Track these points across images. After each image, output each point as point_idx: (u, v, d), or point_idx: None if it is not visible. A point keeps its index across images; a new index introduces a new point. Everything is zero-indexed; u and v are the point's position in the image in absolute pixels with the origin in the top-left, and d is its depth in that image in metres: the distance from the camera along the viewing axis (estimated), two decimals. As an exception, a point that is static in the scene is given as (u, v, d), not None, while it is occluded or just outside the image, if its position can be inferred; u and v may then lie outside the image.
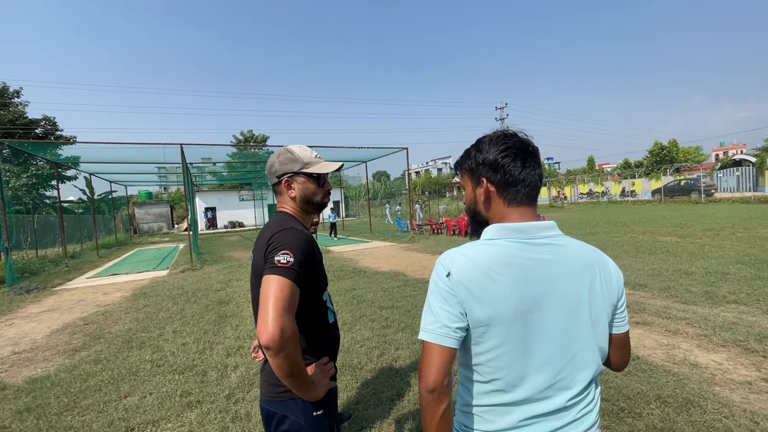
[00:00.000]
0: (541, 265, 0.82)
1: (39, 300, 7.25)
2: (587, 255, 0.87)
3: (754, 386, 2.60)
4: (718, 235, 9.43)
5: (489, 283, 0.79)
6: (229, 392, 2.97)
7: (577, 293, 0.83)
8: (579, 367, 0.84)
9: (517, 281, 0.79)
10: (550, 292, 0.81)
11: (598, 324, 0.85)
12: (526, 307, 0.80)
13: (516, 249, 0.82)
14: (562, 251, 0.84)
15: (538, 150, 0.91)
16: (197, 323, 4.92)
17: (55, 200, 22.72)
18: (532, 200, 0.89)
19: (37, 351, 4.33)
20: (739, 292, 4.62)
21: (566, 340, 0.82)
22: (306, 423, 1.14)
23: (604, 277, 0.87)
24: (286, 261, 1.03)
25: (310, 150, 1.29)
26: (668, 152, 38.75)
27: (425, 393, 0.79)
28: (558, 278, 0.82)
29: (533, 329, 0.80)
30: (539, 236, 0.84)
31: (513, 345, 0.80)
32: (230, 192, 33.69)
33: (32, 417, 2.78)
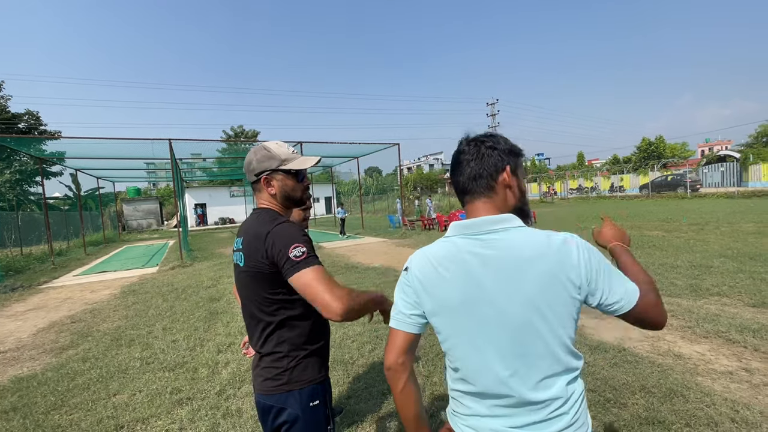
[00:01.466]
0: (485, 259, 0.83)
1: (24, 298, 7.11)
2: (537, 244, 0.82)
3: (735, 376, 2.68)
4: (703, 229, 9.63)
5: (437, 277, 0.86)
6: (220, 389, 2.97)
7: (524, 287, 0.80)
8: (535, 363, 0.82)
9: (461, 276, 0.84)
10: (493, 286, 0.81)
11: (554, 317, 0.81)
12: (469, 300, 0.83)
13: (463, 244, 0.86)
14: (508, 244, 0.83)
15: (464, 148, 0.92)
16: (187, 320, 4.88)
17: (39, 197, 22.25)
18: (471, 196, 0.91)
19: (23, 350, 4.26)
20: (722, 284, 4.74)
21: (516, 334, 0.81)
22: (303, 413, 1.16)
23: (562, 264, 0.80)
24: (302, 253, 1.09)
25: (286, 146, 1.29)
26: (656, 148, 39.40)
27: (385, 371, 0.93)
28: (501, 272, 0.81)
29: (480, 323, 0.83)
30: (486, 230, 0.85)
31: (463, 337, 0.85)
32: (221, 188, 33.35)
33: (18, 416, 2.74)
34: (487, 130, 0.97)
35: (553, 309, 0.80)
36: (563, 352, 0.83)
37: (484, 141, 0.91)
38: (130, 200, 31.54)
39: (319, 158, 1.35)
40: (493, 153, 0.89)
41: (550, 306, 0.80)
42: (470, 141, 0.92)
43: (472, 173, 0.89)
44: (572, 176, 38.39)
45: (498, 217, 0.86)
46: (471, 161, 0.89)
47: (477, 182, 0.89)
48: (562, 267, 0.80)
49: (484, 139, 0.91)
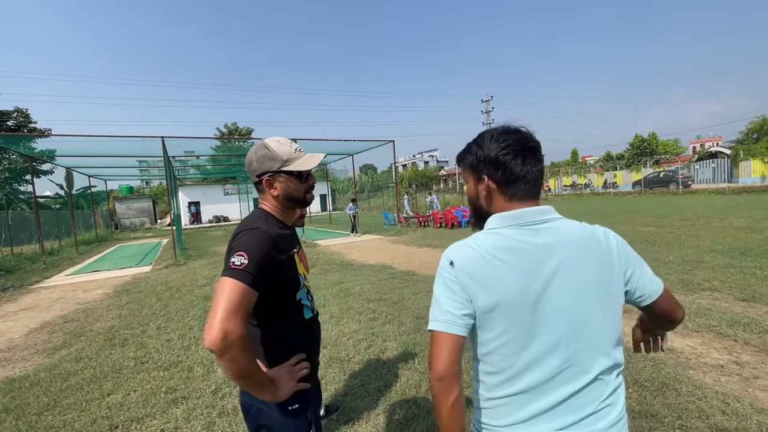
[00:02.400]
0: (541, 248, 0.82)
1: (15, 298, 7.02)
2: (586, 233, 0.86)
3: (726, 369, 2.72)
4: (695, 225, 9.75)
5: (491, 269, 0.81)
6: (216, 387, 2.96)
7: (582, 273, 0.82)
8: (593, 351, 0.81)
9: (519, 265, 0.81)
10: (553, 274, 0.80)
11: (608, 304, 0.83)
12: (529, 290, 0.80)
13: (516, 234, 0.84)
14: (561, 232, 0.84)
15: (540, 145, 0.91)
16: (182, 319, 4.85)
17: (29, 195, 21.95)
18: (533, 196, 0.89)
19: (14, 350, 4.21)
20: (713, 279, 4.81)
21: (576, 321, 0.81)
22: (281, 416, 1.13)
23: (611, 252, 0.85)
24: (240, 263, 1.00)
25: (289, 144, 1.21)
26: (648, 145, 39.76)
27: (435, 381, 0.81)
28: (560, 259, 0.81)
29: (540, 312, 0.80)
30: (536, 220, 0.85)
31: (520, 329, 0.80)
32: (215, 186, 33.12)
33: (11, 418, 2.71)
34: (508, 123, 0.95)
35: (608, 297, 0.83)
36: (615, 342, 0.85)
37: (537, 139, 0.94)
38: (123, 198, 31.22)
39: (324, 155, 1.27)
40: None
41: (609, 289, 0.83)
42: (529, 135, 0.91)
43: (542, 174, 0.92)
44: (566, 173, 38.63)
45: (543, 208, 0.87)
46: (539, 163, 0.90)
47: (541, 180, 0.92)
48: (610, 255, 0.84)
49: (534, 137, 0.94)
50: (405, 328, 3.93)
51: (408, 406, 2.53)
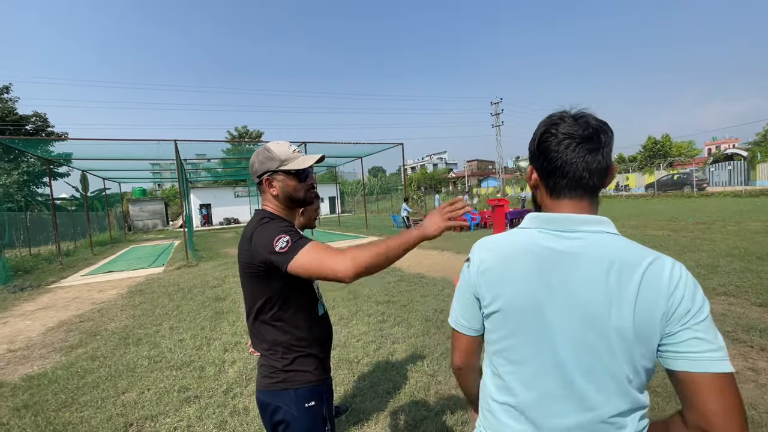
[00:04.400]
0: (562, 257, 0.72)
1: (33, 298, 7.21)
2: (626, 254, 0.69)
3: (741, 375, 2.67)
4: (710, 228, 9.55)
5: (504, 270, 0.76)
6: (227, 387, 3.00)
7: (595, 297, 0.68)
8: (600, 386, 0.69)
9: (532, 271, 0.73)
10: (564, 289, 0.71)
11: (626, 342, 0.66)
12: (538, 299, 0.72)
13: (542, 238, 0.75)
14: (593, 247, 0.70)
15: (601, 132, 0.73)
16: (194, 319, 4.93)
17: (47, 197, 22.51)
18: (578, 192, 0.74)
19: (33, 349, 4.33)
20: (729, 284, 4.71)
21: (581, 347, 0.69)
22: (298, 413, 1.17)
23: (647, 284, 0.66)
24: (285, 243, 1.07)
25: (288, 145, 1.26)
26: (661, 147, 39.11)
27: (454, 370, 0.91)
28: (576, 275, 0.70)
29: (545, 324, 0.72)
30: (572, 229, 0.73)
31: (524, 338, 0.74)
32: (225, 188, 33.54)
33: (30, 414, 2.79)
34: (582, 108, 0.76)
35: (630, 331, 0.66)
36: (636, 387, 0.69)
37: (606, 124, 0.74)
38: (136, 201, 31.81)
39: (321, 156, 1.31)
40: (612, 141, 0.74)
41: (629, 327, 0.66)
42: (589, 120, 0.73)
43: (604, 164, 0.73)
44: (577, 175, 38.12)
45: (595, 218, 0.73)
46: (603, 148, 0.72)
47: (601, 177, 0.74)
48: (657, 285, 0.66)
49: (604, 121, 0.74)
50: (414, 331, 3.94)
51: (417, 408, 2.54)
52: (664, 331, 0.65)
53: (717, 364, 0.62)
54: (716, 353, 0.63)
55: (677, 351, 0.64)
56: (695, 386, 0.63)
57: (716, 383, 0.62)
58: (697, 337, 0.63)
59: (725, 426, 0.61)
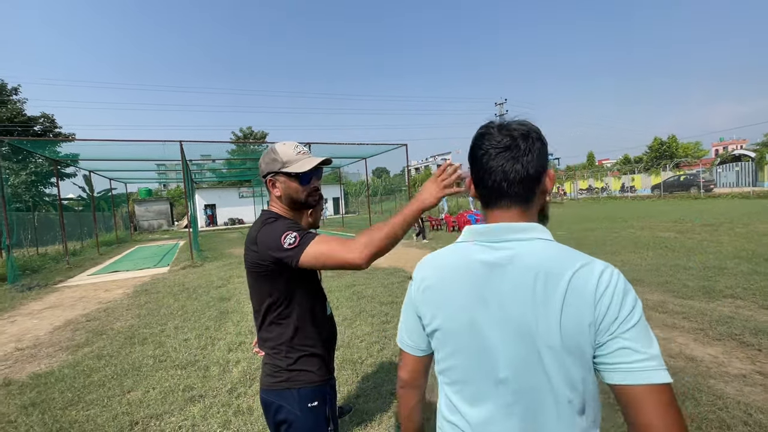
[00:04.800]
0: (493, 270, 0.69)
1: (41, 297, 7.28)
2: (554, 262, 0.66)
3: (749, 379, 2.64)
4: (717, 230, 9.46)
5: (441, 287, 0.75)
6: (231, 387, 3.02)
7: (524, 309, 0.65)
8: (541, 408, 0.66)
9: (467, 286, 0.71)
10: (497, 303, 0.68)
11: (558, 357, 0.63)
12: (474, 315, 0.70)
13: (475, 251, 0.73)
14: (521, 256, 0.68)
15: (521, 141, 0.70)
16: (198, 319, 4.95)
17: (54, 198, 22.73)
18: (505, 201, 0.72)
19: (40, 347, 4.37)
20: (736, 286, 4.66)
21: (518, 365, 0.66)
22: (301, 413, 1.18)
23: (573, 292, 0.62)
24: (294, 239, 1.09)
25: (293, 147, 1.25)
26: (668, 148, 38.75)
27: (398, 387, 0.89)
28: (506, 288, 0.67)
29: (484, 342, 0.69)
30: (501, 239, 0.70)
31: (465, 356, 0.72)
32: (230, 189, 33.70)
33: (37, 412, 2.82)
34: (517, 117, 0.76)
35: (560, 345, 0.62)
36: (579, 405, 0.65)
37: (530, 131, 0.71)
38: (142, 201, 32.06)
39: (325, 159, 1.29)
40: (542, 149, 0.71)
41: (559, 341, 0.62)
42: (511, 128, 0.71)
43: (522, 173, 0.69)
44: (582, 176, 37.97)
45: (523, 225, 0.71)
46: (523, 156, 0.69)
47: (523, 186, 0.70)
48: (583, 291, 0.62)
49: (530, 128, 0.72)
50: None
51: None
52: (595, 342, 0.61)
53: (650, 374, 0.57)
54: (649, 362, 0.58)
55: (609, 363, 0.60)
56: (630, 400, 0.58)
57: (653, 395, 0.57)
58: (627, 346, 0.59)
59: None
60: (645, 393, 0.57)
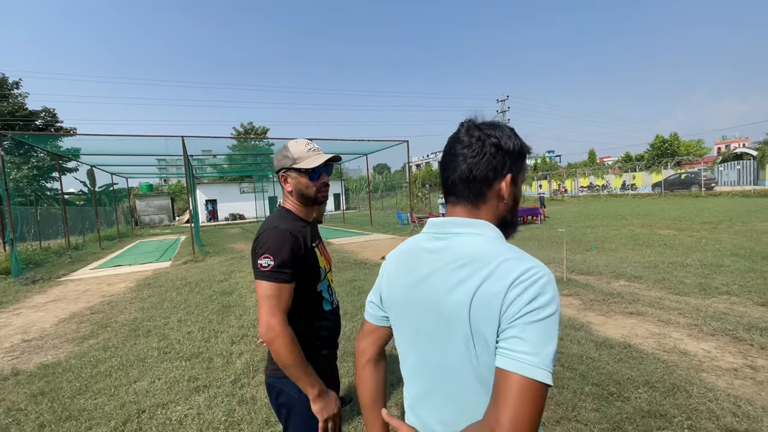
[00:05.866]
0: (430, 256, 0.76)
1: (44, 290, 7.37)
2: (482, 252, 0.69)
3: (740, 372, 2.71)
4: (716, 228, 9.51)
5: (393, 269, 0.85)
6: (235, 378, 3.09)
7: (444, 293, 0.70)
8: (464, 385, 0.70)
9: (408, 270, 0.80)
10: (425, 286, 0.75)
11: (468, 338, 0.67)
12: (409, 296, 0.78)
13: (423, 240, 0.80)
14: (455, 246, 0.73)
15: (475, 142, 0.74)
16: (201, 313, 5.03)
17: (55, 192, 22.82)
18: (452, 197, 0.78)
19: (46, 339, 4.45)
20: (732, 283, 4.72)
21: (439, 343, 0.72)
22: (299, 397, 1.24)
23: (491, 279, 0.65)
24: (267, 264, 1.17)
25: (304, 144, 1.31)
26: (670, 146, 38.67)
27: (355, 354, 0.95)
28: (435, 273, 0.73)
29: (415, 321, 0.77)
30: (444, 231, 0.76)
31: (403, 333, 0.82)
32: (231, 184, 33.75)
33: (47, 400, 2.90)
34: (495, 118, 0.81)
35: (478, 332, 0.66)
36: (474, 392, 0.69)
37: (490, 135, 0.73)
38: (143, 196, 32.12)
39: (333, 156, 1.34)
40: (497, 154, 0.72)
41: (476, 327, 0.66)
42: (472, 129, 0.76)
43: (466, 173, 0.74)
44: (583, 174, 37.95)
45: (468, 221, 0.74)
46: (470, 157, 0.73)
47: (468, 185, 0.74)
48: (496, 281, 0.64)
49: (490, 131, 0.74)
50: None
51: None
52: (499, 328, 0.63)
53: (532, 369, 0.58)
54: (534, 358, 0.59)
55: (501, 347, 0.62)
56: (501, 383, 0.60)
57: (521, 387, 0.58)
58: (521, 337, 0.60)
59: (511, 427, 0.57)
60: (517, 382, 0.58)
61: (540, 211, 14.52)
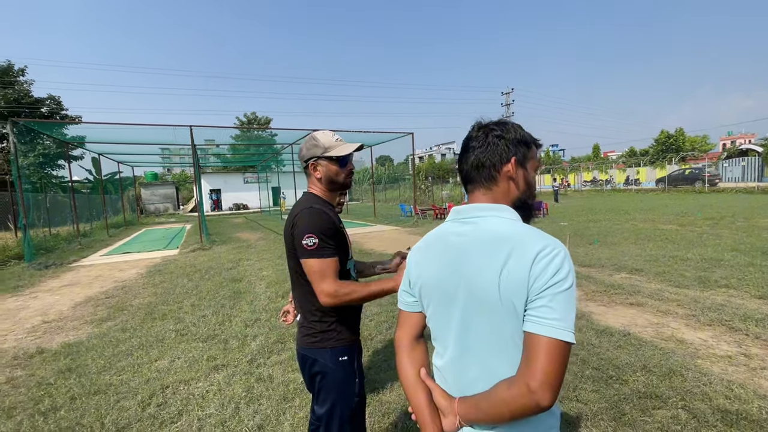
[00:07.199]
0: (459, 239, 0.85)
1: (58, 275, 7.56)
2: (503, 230, 0.80)
3: (734, 359, 2.84)
4: (718, 224, 9.58)
5: (423, 254, 0.93)
6: (252, 358, 3.25)
7: (474, 269, 0.80)
8: (480, 355, 0.82)
9: (439, 253, 0.89)
10: (457, 265, 0.83)
11: (496, 307, 0.76)
12: (442, 277, 0.86)
13: (451, 226, 0.90)
14: (481, 229, 0.83)
15: (481, 134, 0.90)
16: (213, 298, 5.19)
17: (61, 179, 22.99)
18: (470, 186, 0.91)
19: (65, 321, 4.63)
20: (731, 277, 4.83)
21: (470, 315, 0.82)
22: (333, 365, 1.39)
23: (515, 255, 0.74)
24: (312, 243, 1.29)
25: (331, 135, 1.45)
26: (674, 141, 38.47)
27: (396, 351, 1.02)
28: (465, 253, 0.83)
29: (447, 298, 0.85)
30: (469, 216, 0.87)
31: (435, 309, 0.90)
32: (235, 174, 33.88)
33: (74, 375, 3.07)
34: (502, 117, 0.95)
35: (509, 299, 0.74)
36: (505, 363, 0.78)
37: (493, 129, 0.89)
38: (148, 185, 32.34)
39: (360, 144, 1.48)
40: (499, 142, 0.87)
41: (508, 295, 0.74)
42: (480, 128, 0.91)
43: (475, 162, 0.88)
44: (586, 168, 37.86)
45: (488, 206, 0.86)
46: (477, 149, 0.88)
47: (479, 171, 0.88)
48: (523, 255, 0.74)
49: (494, 126, 0.89)
50: (423, 313, 4.15)
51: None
52: (528, 298, 0.73)
53: (557, 331, 0.69)
54: (560, 323, 0.70)
55: (531, 315, 0.72)
56: (532, 346, 0.71)
57: (550, 347, 0.69)
58: (549, 305, 0.71)
59: (542, 382, 0.69)
60: (545, 343, 0.70)
61: (543, 205, 14.60)
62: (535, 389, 0.69)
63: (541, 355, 0.70)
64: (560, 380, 0.71)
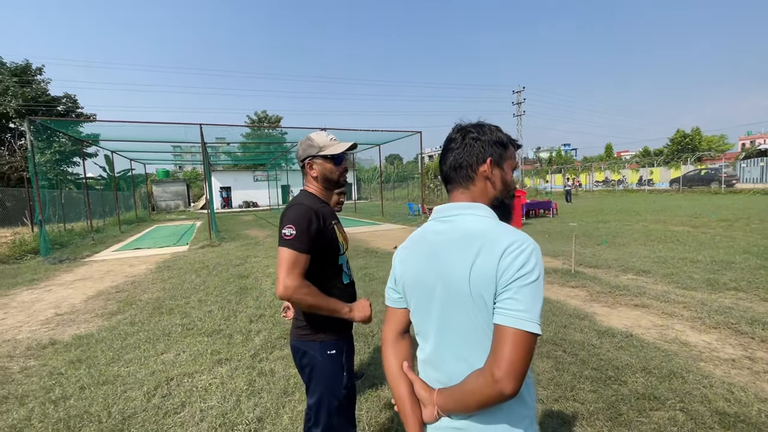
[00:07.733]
0: (437, 237, 0.90)
1: (71, 269, 7.77)
2: (476, 228, 0.84)
3: (737, 363, 2.80)
4: (732, 226, 9.38)
5: (407, 252, 0.97)
6: (254, 352, 3.31)
7: (449, 265, 0.83)
8: (467, 342, 0.84)
9: (420, 251, 0.93)
10: (434, 262, 0.87)
11: (468, 300, 0.81)
12: (424, 273, 0.90)
13: (432, 225, 0.94)
14: (457, 227, 0.87)
15: (458, 136, 0.93)
16: (220, 294, 5.28)
17: (76, 176, 23.55)
18: (449, 185, 0.95)
19: (77, 313, 4.77)
20: (741, 280, 4.74)
21: (445, 312, 0.85)
22: (321, 358, 1.44)
23: (485, 249, 0.79)
24: (289, 234, 1.33)
25: (326, 135, 1.52)
26: (690, 140, 37.62)
27: (381, 346, 1.04)
28: (444, 250, 0.86)
29: (427, 293, 0.89)
30: (447, 214, 0.91)
31: (416, 304, 0.94)
32: (245, 172, 34.22)
33: (84, 366, 3.17)
34: (479, 120, 0.98)
35: (480, 294, 0.79)
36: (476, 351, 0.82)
37: (470, 131, 0.92)
38: (159, 182, 32.89)
39: (353, 144, 1.55)
40: (475, 144, 0.91)
41: (478, 290, 0.79)
42: (458, 130, 0.94)
43: (454, 162, 0.92)
44: (599, 168, 37.31)
45: (466, 204, 0.90)
46: (455, 150, 0.92)
47: (457, 172, 0.92)
48: (492, 249, 0.78)
49: (471, 129, 0.93)
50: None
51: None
52: (496, 291, 0.77)
53: (522, 322, 0.73)
54: (525, 314, 0.73)
55: (498, 307, 0.76)
56: (499, 336, 0.75)
57: (515, 338, 0.73)
58: (514, 298, 0.74)
59: (506, 371, 0.72)
60: (511, 334, 0.73)
61: (553, 205, 14.45)
62: (499, 378, 0.73)
63: (506, 346, 0.73)
64: (524, 369, 0.74)
